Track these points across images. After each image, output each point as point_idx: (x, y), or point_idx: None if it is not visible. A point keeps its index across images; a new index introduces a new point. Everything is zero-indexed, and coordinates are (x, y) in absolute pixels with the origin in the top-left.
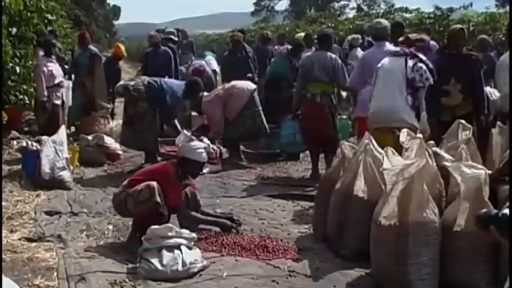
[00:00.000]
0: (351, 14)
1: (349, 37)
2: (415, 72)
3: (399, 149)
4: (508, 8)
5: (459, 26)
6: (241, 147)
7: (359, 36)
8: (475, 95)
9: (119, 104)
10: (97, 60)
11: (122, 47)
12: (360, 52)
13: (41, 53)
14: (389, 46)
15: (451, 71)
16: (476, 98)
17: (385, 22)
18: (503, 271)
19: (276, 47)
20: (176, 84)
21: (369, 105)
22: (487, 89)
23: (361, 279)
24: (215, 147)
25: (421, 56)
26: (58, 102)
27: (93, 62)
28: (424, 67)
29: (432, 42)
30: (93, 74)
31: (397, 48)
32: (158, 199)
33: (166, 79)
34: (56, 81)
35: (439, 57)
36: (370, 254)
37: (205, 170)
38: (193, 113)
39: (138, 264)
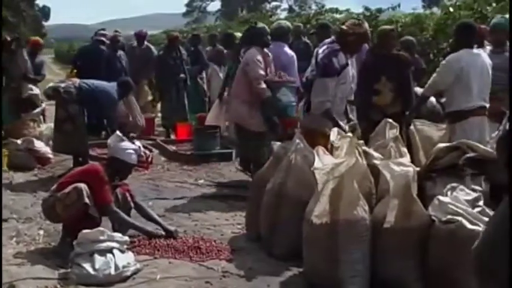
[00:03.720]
0: (283, 14)
1: None
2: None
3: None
4: (434, 9)
5: (389, 26)
6: (174, 148)
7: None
8: (404, 94)
9: (49, 107)
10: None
11: (36, 38)
12: None
13: None
14: (286, 46)
15: (381, 70)
16: (405, 97)
17: (285, 23)
18: (431, 266)
19: (208, 48)
20: (108, 86)
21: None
22: (416, 89)
23: (294, 278)
24: (147, 151)
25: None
26: None
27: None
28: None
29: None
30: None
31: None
32: (86, 200)
33: (97, 81)
34: None
35: (370, 57)
36: (302, 252)
37: None
38: None
39: (69, 270)
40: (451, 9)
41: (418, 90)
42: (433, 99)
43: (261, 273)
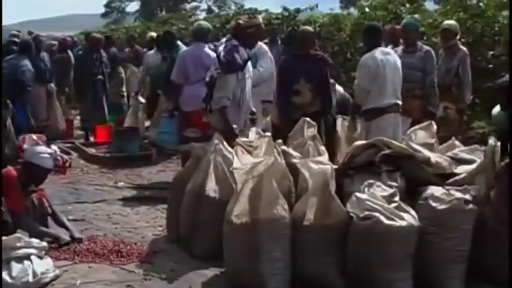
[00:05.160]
0: (202, 15)
1: None
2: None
3: None
4: (351, 9)
5: (308, 27)
6: (93, 150)
7: None
8: (323, 94)
9: None
10: None
11: None
12: None
13: None
14: (207, 47)
15: (300, 71)
16: (324, 96)
17: (205, 24)
18: (350, 262)
19: (127, 49)
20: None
21: None
22: (337, 87)
23: (216, 278)
24: (65, 155)
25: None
26: None
27: None
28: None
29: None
30: None
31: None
32: None
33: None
34: None
35: (289, 58)
36: (223, 252)
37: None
38: None
39: None
40: (367, 10)
41: (339, 88)
42: (340, 88)
43: (183, 274)
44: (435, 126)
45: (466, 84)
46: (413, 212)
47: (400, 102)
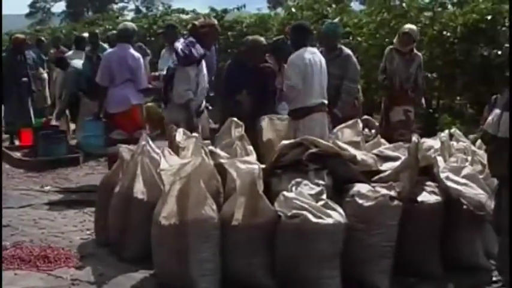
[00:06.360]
0: (130, 15)
1: None
2: None
3: None
4: (279, 9)
5: (260, 38)
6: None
7: None
8: (264, 107)
9: None
10: None
11: None
12: None
13: None
14: (131, 48)
15: (244, 83)
16: (266, 109)
17: (130, 25)
18: (280, 260)
19: (52, 50)
20: None
21: None
22: None
23: (145, 281)
24: None
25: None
26: None
27: None
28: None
29: None
30: None
31: None
32: None
33: None
34: None
35: (234, 69)
36: (153, 254)
37: None
38: None
39: None
40: (294, 10)
41: None
42: None
43: (112, 278)
44: (361, 125)
45: (421, 88)
46: (340, 210)
47: (326, 102)
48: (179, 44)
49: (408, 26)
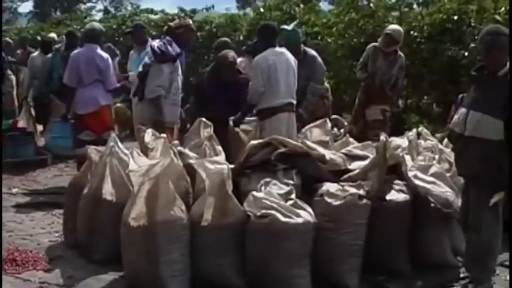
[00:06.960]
0: (98, 16)
1: None
2: None
3: None
4: (248, 10)
5: (228, 52)
6: None
7: None
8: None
9: None
10: None
11: None
12: None
13: None
14: (99, 48)
15: (217, 97)
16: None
17: (97, 25)
18: (249, 260)
19: (19, 51)
20: None
21: None
22: None
23: (115, 283)
24: None
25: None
26: None
27: None
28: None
29: None
30: None
31: None
32: None
33: None
34: None
35: (212, 83)
36: (122, 256)
37: None
38: None
39: None
40: (262, 10)
41: None
42: None
43: (81, 280)
44: (329, 124)
45: (399, 88)
46: (309, 209)
47: (294, 102)
48: (155, 43)
49: (392, 26)
